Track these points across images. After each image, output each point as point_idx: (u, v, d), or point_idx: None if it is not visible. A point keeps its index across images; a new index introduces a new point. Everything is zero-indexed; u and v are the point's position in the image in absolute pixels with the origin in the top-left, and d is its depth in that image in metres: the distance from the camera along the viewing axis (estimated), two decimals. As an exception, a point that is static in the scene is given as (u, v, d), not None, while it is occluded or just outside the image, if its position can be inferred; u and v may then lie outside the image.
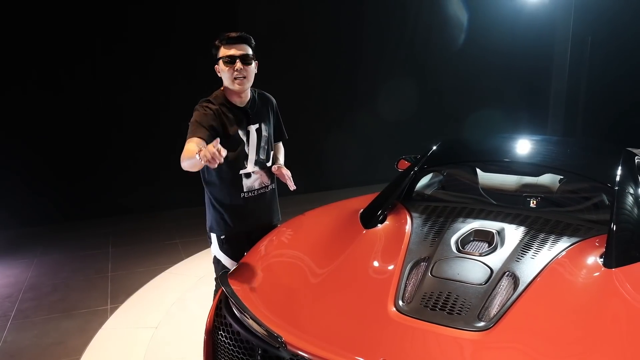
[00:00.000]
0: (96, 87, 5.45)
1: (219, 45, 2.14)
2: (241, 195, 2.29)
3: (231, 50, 2.11)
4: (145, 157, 5.82)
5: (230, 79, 2.14)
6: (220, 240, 2.35)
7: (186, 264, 4.34)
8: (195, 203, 6.06)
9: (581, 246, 1.86)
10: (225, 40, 2.12)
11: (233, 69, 2.11)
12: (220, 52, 2.14)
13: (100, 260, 4.44)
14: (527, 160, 2.64)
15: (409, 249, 1.92)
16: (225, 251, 2.35)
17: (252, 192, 2.31)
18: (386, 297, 1.63)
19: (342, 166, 6.77)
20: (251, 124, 2.26)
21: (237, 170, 2.25)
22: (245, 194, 2.29)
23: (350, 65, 6.69)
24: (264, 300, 1.71)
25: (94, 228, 5.34)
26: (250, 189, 2.30)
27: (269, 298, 1.74)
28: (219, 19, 5.79)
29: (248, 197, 2.30)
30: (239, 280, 1.85)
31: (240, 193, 2.28)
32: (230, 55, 2.11)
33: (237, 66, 2.10)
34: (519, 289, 1.60)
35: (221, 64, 2.14)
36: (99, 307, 3.52)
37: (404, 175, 2.61)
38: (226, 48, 2.12)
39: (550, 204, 2.46)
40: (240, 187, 2.28)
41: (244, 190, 2.29)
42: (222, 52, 2.13)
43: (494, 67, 7.46)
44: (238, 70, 2.11)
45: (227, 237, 2.33)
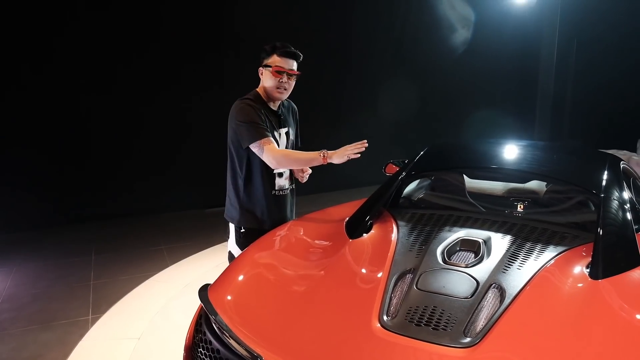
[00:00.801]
0: (77, 92, 5.35)
1: (272, 52, 2.34)
2: (272, 192, 2.49)
3: (284, 62, 2.33)
4: (130, 162, 5.74)
5: (274, 87, 2.36)
6: (239, 233, 2.50)
7: (171, 270, 4.27)
8: (181, 207, 6.12)
9: (567, 256, 1.83)
10: (281, 52, 2.33)
11: (279, 80, 2.34)
12: (271, 59, 2.35)
13: (83, 267, 4.34)
14: (515, 167, 2.62)
15: (395, 259, 1.87)
16: (242, 245, 2.48)
17: (282, 190, 2.53)
18: (370, 311, 1.58)
19: (346, 167, 6.74)
20: (282, 127, 2.49)
21: (272, 169, 2.44)
22: (276, 192, 2.50)
23: (343, 66, 6.66)
24: (244, 316, 1.65)
25: (78, 234, 5.24)
26: (280, 188, 2.52)
27: (250, 313, 1.69)
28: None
29: (278, 195, 2.51)
30: (220, 295, 1.80)
31: (272, 190, 2.48)
32: (281, 67, 2.33)
33: (284, 79, 2.34)
34: (505, 302, 1.57)
35: (270, 71, 2.34)
36: (80, 317, 3.44)
37: (390, 181, 2.57)
38: (280, 58, 2.33)
39: (537, 210, 2.44)
40: (273, 184, 2.48)
41: (275, 189, 2.50)
42: (274, 59, 2.34)
43: (481, 70, 7.48)
44: (283, 82, 2.35)
45: (247, 231, 2.48)
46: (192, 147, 5.90)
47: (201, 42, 5.75)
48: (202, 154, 5.79)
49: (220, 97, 3.45)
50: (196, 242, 4.91)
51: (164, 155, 5.88)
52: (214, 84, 5.79)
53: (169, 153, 5.89)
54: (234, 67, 5.69)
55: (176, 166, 5.94)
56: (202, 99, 5.70)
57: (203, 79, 5.78)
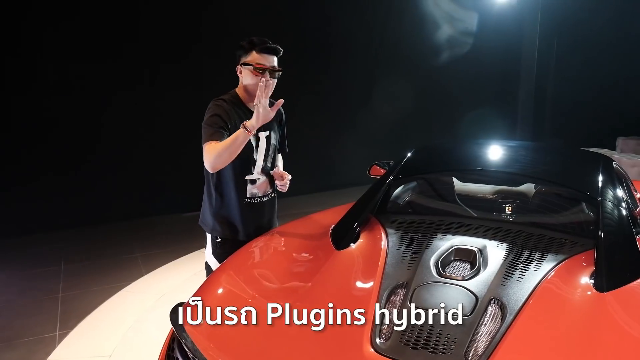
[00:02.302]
0: (43, 95, 5.08)
1: (251, 49, 2.13)
2: (244, 201, 2.28)
3: (264, 59, 2.13)
4: (101, 165, 5.49)
5: (256, 86, 2.08)
6: (216, 243, 2.32)
7: (146, 280, 4.06)
8: (156, 212, 5.89)
9: (568, 265, 1.72)
10: (260, 48, 2.13)
11: (260, 79, 2.09)
12: (250, 56, 2.14)
13: (51, 278, 4.10)
14: (507, 170, 2.51)
15: (385, 272, 1.73)
16: (218, 256, 2.30)
17: (254, 198, 2.31)
18: (361, 333, 1.43)
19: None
20: (262, 130, 2.23)
21: (243, 176, 2.25)
22: (248, 199, 2.29)
23: (323, 69, 6.52)
24: (220, 340, 1.49)
25: (46, 242, 4.97)
26: (253, 196, 2.30)
27: (226, 337, 1.52)
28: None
29: (250, 203, 2.30)
30: (192, 315, 1.63)
31: (243, 199, 2.28)
32: (263, 65, 2.12)
33: (265, 77, 2.10)
34: (507, 320, 1.44)
35: (251, 70, 2.13)
36: (47, 334, 3.21)
37: (377, 186, 2.43)
38: (259, 55, 2.13)
39: (530, 214, 2.33)
40: (244, 192, 2.27)
41: (247, 196, 2.29)
42: (253, 57, 2.13)
43: (462, 70, 7.42)
44: (265, 82, 2.08)
45: (223, 241, 2.30)
46: (167, 148, 5.67)
47: (177, 42, 5.54)
48: (178, 156, 5.57)
49: (197, 97, 3.27)
50: (173, 249, 4.70)
51: (137, 158, 5.64)
52: (187, 84, 5.58)
53: (142, 155, 5.65)
54: (212, 67, 5.48)
55: (150, 169, 5.70)
56: (176, 99, 5.49)
57: (178, 79, 5.56)
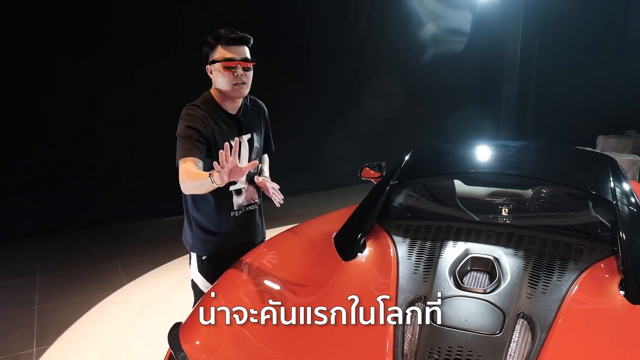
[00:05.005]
0: (19, 95, 4.81)
1: (215, 44, 1.89)
2: (231, 214, 2.07)
3: (231, 52, 1.88)
4: (77, 169, 5.23)
5: (230, 84, 1.91)
6: (201, 260, 2.11)
7: (128, 290, 3.86)
8: (136, 217, 5.65)
9: (592, 274, 1.64)
10: (224, 41, 1.88)
11: (233, 74, 1.89)
12: (217, 52, 1.90)
13: (26, 290, 3.86)
14: (514, 172, 2.42)
15: (399, 286, 1.61)
16: (205, 272, 2.11)
17: (241, 209, 2.11)
18: (383, 355, 1.31)
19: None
20: (243, 134, 2.04)
21: (227, 187, 1.97)
22: (236, 212, 2.08)
23: (305, 67, 6.37)
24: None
25: (19, 250, 4.71)
26: (240, 207, 2.10)
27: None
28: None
29: (238, 215, 2.09)
30: (193, 338, 1.48)
31: (230, 212, 2.07)
32: (231, 59, 1.88)
33: (238, 72, 1.89)
34: (539, 337, 1.34)
35: (219, 66, 1.89)
36: (23, 350, 3.00)
37: (377, 191, 2.32)
38: (225, 49, 1.88)
39: (538, 218, 2.25)
40: (231, 205, 2.06)
41: (234, 209, 2.08)
42: (219, 53, 1.89)
43: (445, 70, 7.36)
44: (238, 76, 1.89)
45: (209, 258, 2.10)
46: (146, 151, 5.44)
47: (155, 42, 5.31)
48: (158, 159, 5.32)
49: (178, 99, 3.09)
50: (155, 256, 4.50)
51: (115, 161, 5.40)
52: (168, 86, 5.35)
53: (120, 158, 5.41)
54: (190, 67, 5.27)
55: (129, 172, 5.46)
56: (156, 102, 5.26)
57: (158, 81, 5.33)
